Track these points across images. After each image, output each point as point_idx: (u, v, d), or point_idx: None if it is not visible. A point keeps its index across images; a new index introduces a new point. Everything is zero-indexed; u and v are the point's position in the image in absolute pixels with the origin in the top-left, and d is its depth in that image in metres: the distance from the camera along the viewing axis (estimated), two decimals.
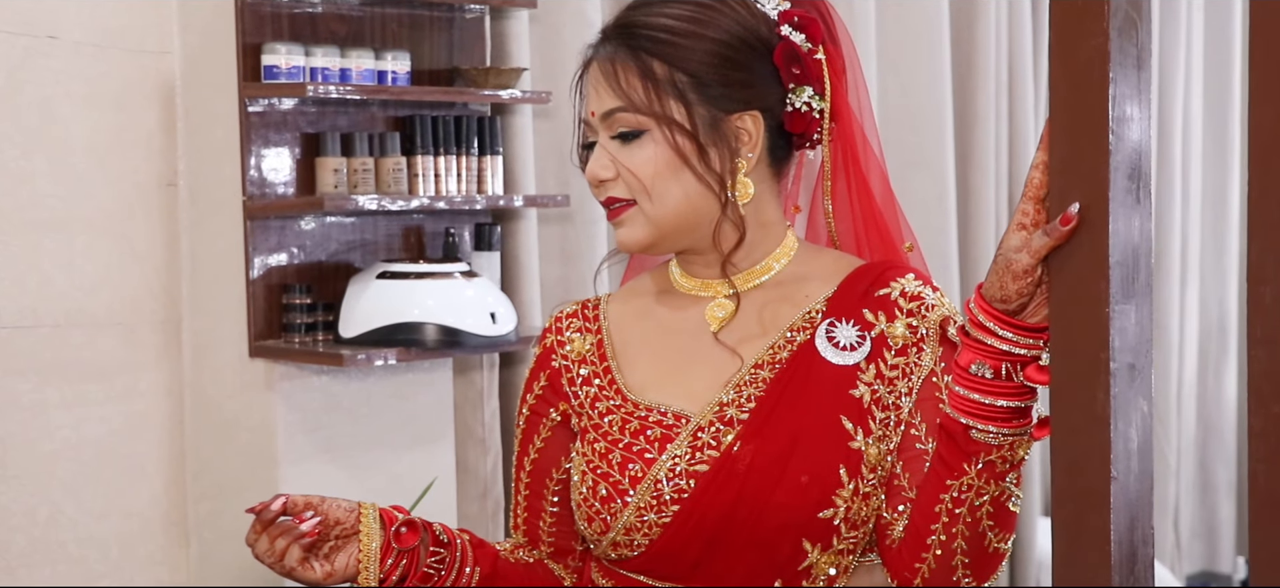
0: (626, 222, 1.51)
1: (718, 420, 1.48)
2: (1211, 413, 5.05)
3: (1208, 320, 5.02)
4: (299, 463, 2.80)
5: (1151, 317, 1.27)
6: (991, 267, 1.30)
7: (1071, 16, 1.21)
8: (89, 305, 2.82)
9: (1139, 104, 1.23)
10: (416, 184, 2.86)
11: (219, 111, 2.78)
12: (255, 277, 2.77)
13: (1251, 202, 1.10)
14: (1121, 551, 1.23)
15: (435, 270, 2.79)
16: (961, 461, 1.37)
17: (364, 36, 2.87)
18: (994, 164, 4.00)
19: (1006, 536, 1.43)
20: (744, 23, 1.50)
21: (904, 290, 1.51)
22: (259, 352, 2.76)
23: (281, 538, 1.50)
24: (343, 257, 2.89)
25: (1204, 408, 5.05)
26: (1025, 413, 1.35)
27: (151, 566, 2.92)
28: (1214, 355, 5.04)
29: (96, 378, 2.83)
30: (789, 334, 1.51)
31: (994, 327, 1.30)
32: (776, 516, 1.44)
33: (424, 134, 2.87)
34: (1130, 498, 1.24)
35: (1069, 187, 1.23)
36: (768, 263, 1.55)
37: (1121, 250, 1.22)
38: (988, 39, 3.93)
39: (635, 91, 1.47)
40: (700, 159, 1.47)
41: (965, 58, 3.94)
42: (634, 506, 1.47)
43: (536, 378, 1.62)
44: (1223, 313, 5.04)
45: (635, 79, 1.47)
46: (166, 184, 2.89)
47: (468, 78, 2.93)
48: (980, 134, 3.96)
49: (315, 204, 2.69)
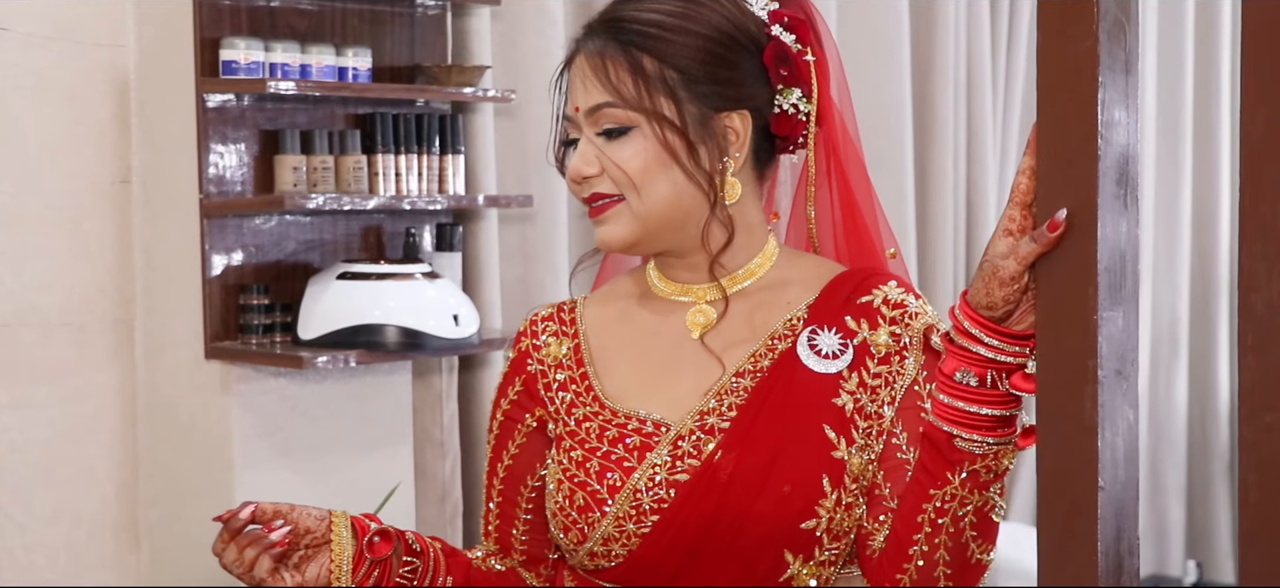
0: (611, 218, 1.47)
1: (698, 429, 1.46)
2: (1162, 418, 5.09)
3: (1159, 327, 5.05)
4: (254, 467, 2.75)
5: (1137, 322, 1.26)
6: (977, 273, 1.28)
7: (1060, 20, 1.19)
8: (39, 304, 2.76)
9: (1127, 108, 1.22)
10: (376, 183, 2.83)
11: (175, 107, 2.73)
12: (212, 276, 2.72)
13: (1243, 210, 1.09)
14: (1108, 560, 1.22)
15: (397, 271, 2.75)
16: (945, 470, 1.35)
17: (324, 32, 2.82)
18: (952, 167, 4.01)
19: (989, 546, 1.41)
20: (734, 21, 1.48)
21: (887, 298, 1.49)
22: (215, 353, 2.71)
23: (251, 548, 1.46)
24: (301, 256, 2.85)
25: (1155, 413, 5.08)
26: (1010, 422, 1.34)
27: (101, 571, 2.86)
28: (1165, 362, 5.07)
29: (47, 379, 2.77)
30: (771, 341, 1.49)
31: (980, 334, 1.29)
32: (758, 526, 1.42)
33: (385, 132, 2.83)
34: (1117, 507, 1.23)
35: (1057, 192, 1.21)
36: (750, 267, 1.53)
37: (1109, 256, 1.21)
38: (946, 41, 3.93)
39: (625, 86, 1.44)
40: (690, 156, 1.45)
41: (924, 60, 3.94)
42: (613, 515, 1.44)
43: (511, 383, 1.59)
44: (1173, 320, 5.07)
45: (625, 74, 1.44)
46: (120, 181, 2.83)
47: (430, 75, 2.89)
48: (938, 136, 3.96)
49: (276, 203, 2.65)
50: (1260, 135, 1.07)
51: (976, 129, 4.08)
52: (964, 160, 4.07)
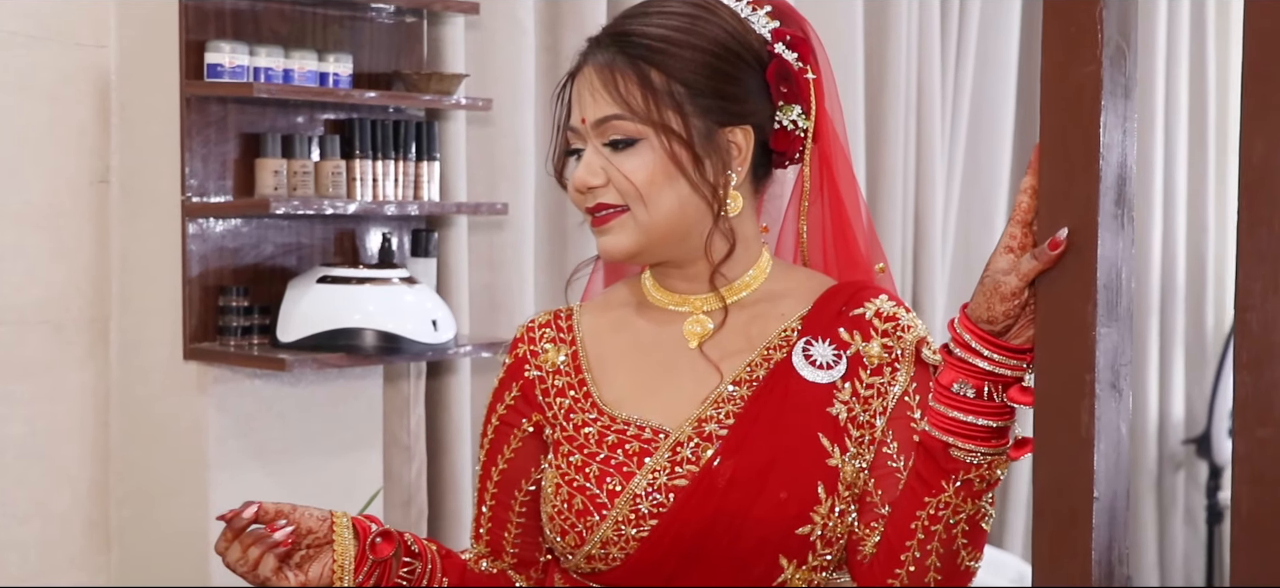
0: (615, 228, 1.50)
1: (697, 435, 1.49)
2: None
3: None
4: (228, 468, 2.76)
5: (1130, 339, 1.30)
6: (978, 288, 1.32)
7: (1065, 45, 1.24)
8: (16, 302, 2.75)
9: (1125, 131, 1.26)
10: (354, 188, 2.84)
11: (157, 108, 2.73)
12: (192, 277, 2.72)
13: (1240, 232, 1.13)
14: (1101, 568, 1.26)
15: (376, 276, 2.77)
16: (940, 478, 1.39)
17: (306, 37, 2.83)
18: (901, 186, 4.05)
19: (978, 553, 1.45)
20: (739, 38, 1.51)
21: (879, 311, 1.53)
22: (194, 354, 2.72)
23: (254, 547, 1.48)
24: (279, 260, 2.86)
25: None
26: (1004, 433, 1.38)
27: (71, 570, 2.85)
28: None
29: (21, 377, 2.76)
30: (766, 351, 1.53)
31: (980, 347, 1.33)
32: (754, 531, 1.45)
33: (363, 138, 2.84)
34: (1109, 516, 1.27)
35: (1058, 211, 1.26)
36: (746, 279, 1.56)
37: (1107, 274, 1.25)
38: (898, 61, 3.98)
39: (634, 99, 1.47)
40: (696, 169, 1.48)
41: (877, 79, 3.99)
42: (612, 520, 1.47)
43: (508, 388, 1.61)
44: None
45: (634, 86, 1.47)
46: (98, 180, 2.83)
47: (409, 82, 2.91)
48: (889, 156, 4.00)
49: (260, 206, 2.66)
50: (1259, 162, 1.12)
51: (925, 150, 4.12)
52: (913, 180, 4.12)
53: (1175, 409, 4.98)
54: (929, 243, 4.11)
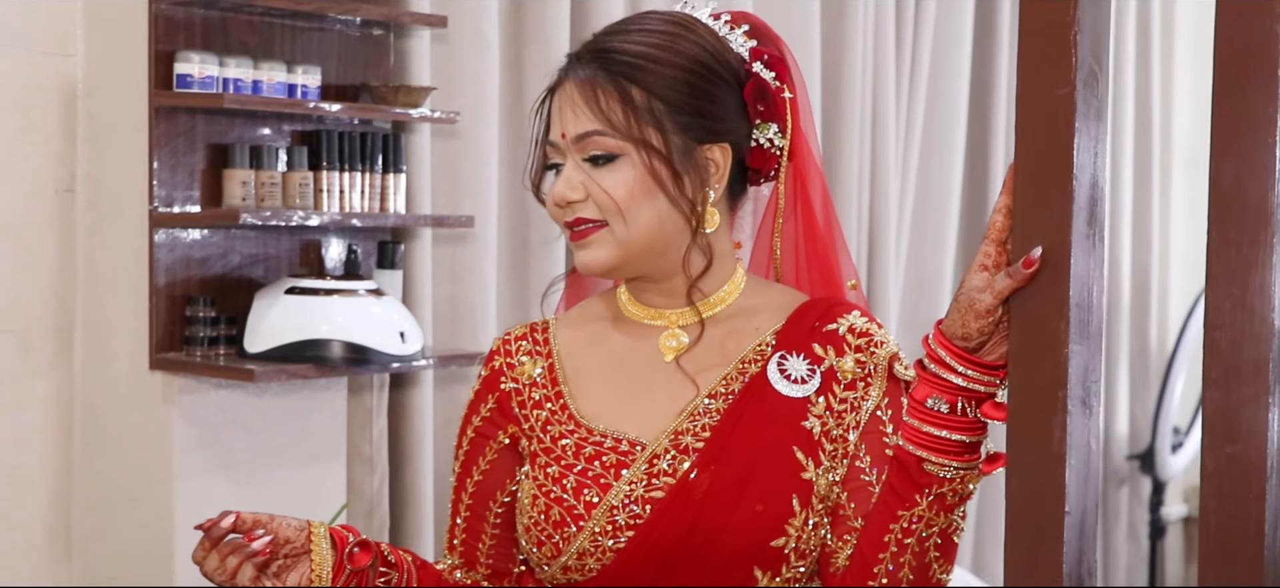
0: (593, 243, 1.52)
1: (673, 448, 1.50)
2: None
3: None
4: (192, 478, 2.75)
5: (1100, 356, 1.33)
6: (952, 305, 1.35)
7: (1040, 68, 1.26)
8: None
9: (1096, 153, 1.29)
10: (321, 199, 2.84)
11: (125, 117, 2.72)
12: (158, 287, 2.72)
13: (1210, 253, 1.16)
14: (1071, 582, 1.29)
15: (344, 287, 2.77)
16: (913, 492, 1.42)
17: (275, 48, 2.84)
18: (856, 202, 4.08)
19: (949, 566, 1.48)
20: (718, 56, 1.53)
21: (852, 327, 1.55)
22: (160, 364, 2.71)
23: (233, 556, 1.49)
24: (245, 270, 2.85)
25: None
26: (976, 448, 1.40)
27: (32, 578, 2.83)
28: None
29: None
30: (741, 365, 1.55)
31: (954, 363, 1.35)
32: (730, 542, 1.47)
33: (331, 150, 2.84)
34: (1080, 531, 1.29)
35: (1032, 230, 1.28)
36: (722, 294, 1.58)
37: (1079, 292, 1.28)
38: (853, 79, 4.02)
39: (614, 115, 1.49)
40: (675, 185, 1.50)
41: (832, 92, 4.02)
42: (588, 531, 1.48)
43: (483, 400, 1.62)
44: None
45: (615, 103, 1.49)
46: (64, 189, 2.82)
47: (377, 94, 2.91)
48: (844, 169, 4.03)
49: (229, 216, 2.66)
50: (1228, 184, 1.15)
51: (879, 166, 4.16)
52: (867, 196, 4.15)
53: (1119, 425, 5.01)
54: (883, 256, 4.14)
